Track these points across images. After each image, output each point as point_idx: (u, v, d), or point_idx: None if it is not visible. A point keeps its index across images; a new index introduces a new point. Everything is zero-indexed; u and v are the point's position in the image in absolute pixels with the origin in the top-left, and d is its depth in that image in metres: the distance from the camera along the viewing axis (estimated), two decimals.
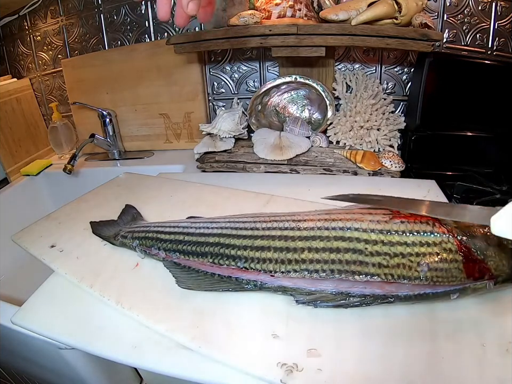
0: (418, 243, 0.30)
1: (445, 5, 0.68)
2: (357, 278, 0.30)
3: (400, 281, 0.29)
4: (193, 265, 0.36)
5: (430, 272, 0.29)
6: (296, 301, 0.32)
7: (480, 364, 0.26)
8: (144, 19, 0.82)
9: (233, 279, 0.34)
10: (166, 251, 0.37)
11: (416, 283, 0.29)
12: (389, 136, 0.69)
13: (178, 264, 0.37)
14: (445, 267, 0.29)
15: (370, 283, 0.30)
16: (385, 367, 0.26)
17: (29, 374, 0.54)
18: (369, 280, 0.30)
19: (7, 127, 0.83)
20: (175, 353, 0.29)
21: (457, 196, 0.58)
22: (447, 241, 0.30)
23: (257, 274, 0.33)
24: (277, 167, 0.67)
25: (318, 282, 0.32)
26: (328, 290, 0.31)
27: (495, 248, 0.30)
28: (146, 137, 0.90)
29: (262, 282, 0.33)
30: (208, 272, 0.35)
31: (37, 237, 0.47)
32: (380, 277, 0.30)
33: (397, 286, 0.30)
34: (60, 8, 0.86)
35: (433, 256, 0.30)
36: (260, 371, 0.27)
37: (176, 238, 0.37)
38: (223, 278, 0.34)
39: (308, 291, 0.32)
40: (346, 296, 0.31)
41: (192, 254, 0.36)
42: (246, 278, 0.33)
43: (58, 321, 0.34)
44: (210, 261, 0.34)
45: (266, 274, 0.33)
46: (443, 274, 0.29)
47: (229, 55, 0.81)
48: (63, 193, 0.85)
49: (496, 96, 0.65)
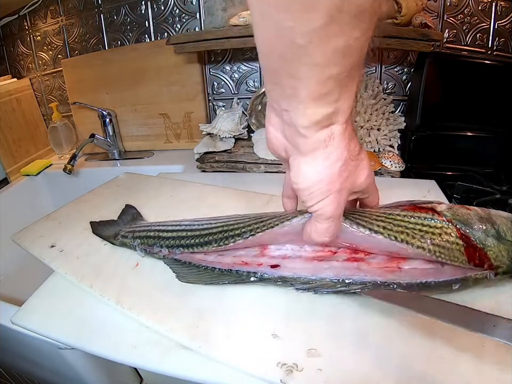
0: (420, 224, 0.31)
1: (445, 5, 0.68)
2: (361, 230, 0.30)
3: (403, 245, 0.30)
4: (194, 261, 0.36)
5: (432, 246, 0.30)
6: (296, 289, 0.32)
7: (480, 364, 0.26)
8: (144, 19, 0.82)
9: (234, 272, 0.34)
10: (168, 248, 0.37)
11: (419, 252, 0.30)
12: (389, 136, 0.69)
13: (179, 261, 0.37)
14: (447, 246, 0.30)
15: (371, 270, 0.31)
16: (385, 367, 0.26)
17: (29, 374, 0.54)
18: (372, 235, 0.30)
19: (7, 127, 0.83)
20: (175, 353, 0.29)
21: (457, 196, 0.58)
22: (447, 227, 0.31)
23: (257, 266, 0.34)
24: (277, 167, 0.67)
25: (319, 271, 0.32)
26: (328, 278, 0.32)
27: (494, 240, 0.30)
28: (146, 137, 0.90)
29: (262, 273, 0.33)
30: (208, 266, 0.35)
31: (37, 237, 0.47)
32: (382, 236, 0.30)
33: (399, 274, 0.30)
34: (59, 8, 0.86)
35: (435, 235, 0.30)
36: (260, 371, 0.27)
37: (179, 235, 0.38)
38: (223, 272, 0.35)
39: (308, 280, 0.32)
40: (346, 284, 0.31)
41: (196, 246, 0.36)
42: (246, 270, 0.34)
43: (58, 321, 0.34)
44: (215, 246, 0.34)
45: (267, 267, 0.33)
46: (445, 252, 0.30)
47: (229, 55, 0.81)
48: (63, 193, 0.86)
49: (496, 96, 0.65)
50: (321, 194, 0.24)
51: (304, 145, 0.22)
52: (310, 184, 0.24)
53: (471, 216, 0.32)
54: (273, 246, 0.35)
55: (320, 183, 0.23)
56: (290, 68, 0.19)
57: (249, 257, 0.35)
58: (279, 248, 0.35)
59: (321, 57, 0.18)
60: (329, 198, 0.24)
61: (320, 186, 0.23)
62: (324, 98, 0.20)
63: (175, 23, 0.81)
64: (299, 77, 0.19)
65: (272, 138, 0.25)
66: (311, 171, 0.23)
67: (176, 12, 0.80)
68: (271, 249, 0.35)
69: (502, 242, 0.30)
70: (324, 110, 0.20)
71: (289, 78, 0.19)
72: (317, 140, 0.22)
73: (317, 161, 0.22)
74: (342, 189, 0.25)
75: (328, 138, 0.22)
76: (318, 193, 0.24)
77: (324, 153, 0.22)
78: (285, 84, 0.20)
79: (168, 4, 0.79)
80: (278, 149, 0.26)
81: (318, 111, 0.20)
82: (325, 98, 0.20)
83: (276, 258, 0.35)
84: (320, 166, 0.23)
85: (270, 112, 0.24)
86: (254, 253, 0.35)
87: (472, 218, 0.31)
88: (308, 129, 0.21)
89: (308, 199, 0.25)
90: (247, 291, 0.35)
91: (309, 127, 0.21)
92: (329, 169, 0.23)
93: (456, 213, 0.32)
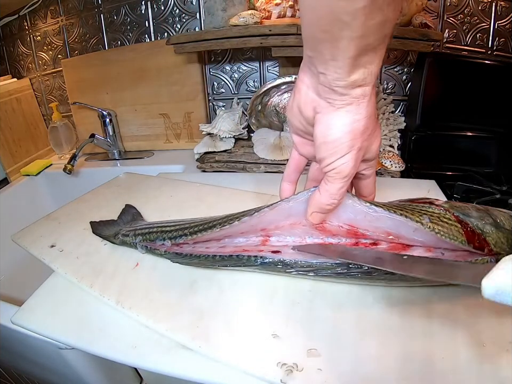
0: (418, 208, 0.31)
1: (445, 5, 0.68)
2: (362, 203, 0.30)
3: (402, 219, 0.30)
4: (195, 253, 0.36)
5: (432, 224, 0.29)
6: (296, 271, 0.32)
7: (479, 364, 0.26)
8: (144, 19, 0.82)
9: (235, 256, 0.34)
10: (171, 239, 0.37)
11: (418, 227, 0.29)
12: (389, 136, 0.69)
13: (180, 254, 0.37)
14: (446, 225, 0.30)
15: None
16: (384, 367, 0.26)
17: (29, 374, 0.54)
18: (371, 207, 0.30)
19: (7, 127, 0.83)
20: (175, 353, 0.29)
21: (457, 196, 0.58)
22: (445, 214, 0.31)
23: (258, 251, 0.34)
24: (277, 167, 0.67)
25: (319, 256, 0.32)
26: (329, 262, 0.32)
27: (492, 227, 0.30)
28: (146, 137, 0.90)
29: (263, 257, 0.33)
30: (209, 255, 0.35)
31: (37, 237, 0.47)
32: (382, 209, 0.30)
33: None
34: (59, 8, 0.86)
35: (434, 217, 0.30)
36: (260, 371, 0.27)
37: (182, 226, 0.38)
38: (224, 258, 0.34)
39: (310, 263, 0.32)
40: (347, 267, 0.31)
41: (199, 231, 0.36)
42: (247, 254, 0.34)
43: (58, 321, 0.34)
44: (219, 228, 0.34)
45: (268, 252, 0.33)
46: (444, 229, 0.29)
47: (229, 55, 0.81)
48: (63, 193, 0.86)
49: (496, 96, 0.65)
50: (346, 148, 0.26)
51: (340, 101, 0.25)
52: (339, 136, 0.26)
53: (468, 207, 0.32)
54: (274, 237, 0.35)
55: (347, 136, 0.26)
56: (332, 39, 0.21)
57: (250, 247, 0.35)
58: (280, 240, 0.35)
59: (362, 30, 0.21)
60: (350, 154, 0.26)
61: (347, 139, 0.26)
62: (360, 63, 0.23)
63: (175, 23, 0.81)
64: (340, 47, 0.22)
65: (302, 96, 0.27)
66: (341, 123, 0.26)
67: (176, 12, 0.80)
68: (272, 240, 0.35)
69: (500, 230, 0.30)
70: (361, 72, 0.23)
71: (330, 47, 0.22)
72: (352, 97, 0.25)
73: (349, 114, 0.25)
74: (361, 148, 0.27)
75: (362, 96, 0.25)
76: (342, 147, 0.26)
77: (357, 108, 0.25)
78: (325, 51, 0.23)
79: (168, 4, 0.79)
80: (305, 106, 0.28)
81: (355, 74, 0.23)
82: (362, 63, 0.23)
83: (276, 247, 0.35)
84: (351, 119, 0.25)
85: (304, 73, 0.27)
86: (255, 243, 0.35)
87: (469, 209, 0.31)
88: (345, 89, 0.24)
89: (332, 153, 0.26)
90: (247, 291, 0.35)
91: (346, 87, 0.24)
92: (357, 123, 0.26)
93: (453, 205, 0.32)
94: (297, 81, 0.28)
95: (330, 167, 0.27)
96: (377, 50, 0.23)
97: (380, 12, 0.20)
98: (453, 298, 0.32)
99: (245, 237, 0.36)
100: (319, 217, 0.31)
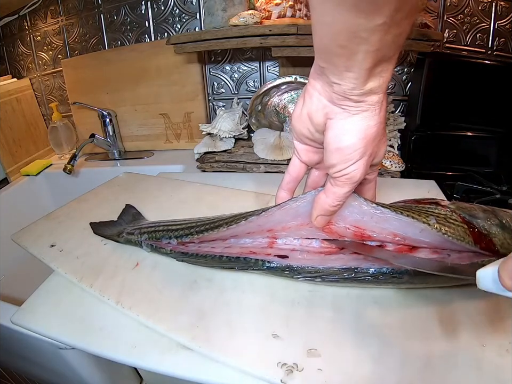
0: (425, 210, 0.31)
1: (445, 5, 0.68)
2: (369, 203, 0.30)
3: (409, 220, 0.30)
4: (201, 253, 0.36)
5: (438, 225, 0.29)
6: (303, 277, 0.32)
7: (479, 365, 0.26)
8: (144, 19, 0.82)
9: (242, 259, 0.34)
10: (177, 238, 0.37)
11: (424, 228, 0.29)
12: (389, 136, 0.69)
13: (186, 253, 0.37)
14: (452, 226, 0.30)
15: (377, 260, 0.31)
16: (384, 367, 0.26)
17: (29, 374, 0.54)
18: (378, 208, 0.30)
19: (7, 127, 0.83)
20: (175, 353, 0.29)
21: (457, 196, 0.58)
22: (451, 215, 0.31)
23: (265, 255, 0.34)
24: (277, 167, 0.67)
25: (326, 261, 0.32)
26: (336, 267, 0.32)
27: (498, 228, 0.30)
28: (146, 137, 0.90)
29: (269, 261, 0.33)
30: (216, 255, 0.35)
31: (37, 237, 0.47)
32: (389, 210, 0.30)
33: (405, 255, 0.31)
34: (59, 8, 0.86)
35: (440, 218, 0.30)
36: (260, 371, 0.27)
37: (188, 226, 0.38)
38: (231, 259, 0.34)
39: (316, 269, 0.32)
40: (353, 271, 0.31)
41: (205, 231, 0.35)
42: (254, 258, 0.34)
43: (58, 321, 0.34)
44: (226, 227, 0.34)
45: (274, 257, 0.33)
46: (451, 231, 0.29)
47: (229, 55, 0.81)
48: (63, 193, 0.86)
49: (496, 96, 0.65)
50: (359, 155, 0.26)
51: (355, 108, 0.25)
52: (353, 141, 0.26)
53: (475, 208, 0.32)
54: (280, 240, 0.35)
55: (361, 142, 0.26)
56: (349, 53, 0.22)
57: (257, 248, 0.35)
58: (287, 243, 0.35)
59: (379, 45, 0.21)
60: (362, 160, 0.26)
61: (361, 146, 0.26)
62: (375, 73, 0.23)
63: (175, 23, 0.81)
64: (356, 59, 0.22)
65: (314, 103, 0.27)
66: (356, 129, 0.26)
67: (176, 12, 0.80)
68: (279, 243, 0.35)
69: (506, 231, 0.30)
70: (376, 81, 0.24)
71: (346, 60, 0.22)
72: (367, 104, 0.25)
73: (364, 120, 0.25)
74: (371, 154, 0.27)
75: (378, 103, 0.25)
76: (356, 153, 0.26)
77: (372, 114, 0.25)
78: (339, 64, 0.23)
79: (168, 4, 0.79)
80: (317, 112, 0.27)
81: (370, 83, 0.24)
82: (377, 72, 0.23)
83: (283, 251, 0.34)
84: (365, 125, 0.25)
85: (315, 80, 0.27)
86: (262, 245, 0.35)
87: (475, 209, 0.31)
88: (360, 96, 0.24)
89: (345, 159, 0.26)
90: (247, 291, 0.35)
91: (361, 95, 0.24)
92: (371, 129, 0.26)
93: (459, 205, 0.32)
94: (308, 87, 0.27)
95: (342, 173, 0.27)
96: (392, 60, 0.23)
97: (397, 27, 0.20)
98: (453, 300, 0.32)
99: (252, 237, 0.36)
100: (324, 220, 0.31)
